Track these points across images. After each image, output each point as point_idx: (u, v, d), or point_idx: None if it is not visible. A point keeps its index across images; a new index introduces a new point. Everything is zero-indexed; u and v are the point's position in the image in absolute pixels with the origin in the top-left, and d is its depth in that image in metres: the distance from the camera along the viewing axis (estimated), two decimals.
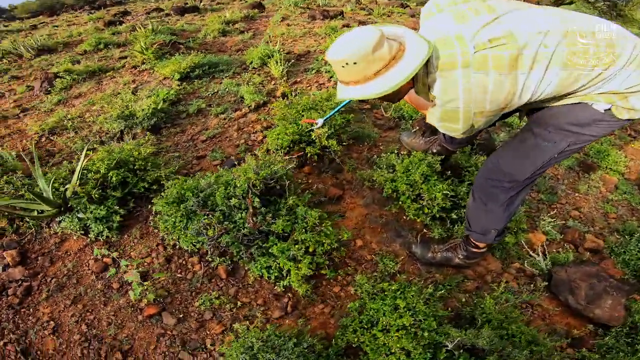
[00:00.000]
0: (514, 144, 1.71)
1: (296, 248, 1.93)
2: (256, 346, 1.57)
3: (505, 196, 1.74)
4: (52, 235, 2.32)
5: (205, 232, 1.97)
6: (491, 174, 1.75)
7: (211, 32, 5.42)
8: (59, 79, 4.16)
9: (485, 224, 1.88)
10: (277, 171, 2.15)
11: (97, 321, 1.94)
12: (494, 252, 2.28)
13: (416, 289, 1.85)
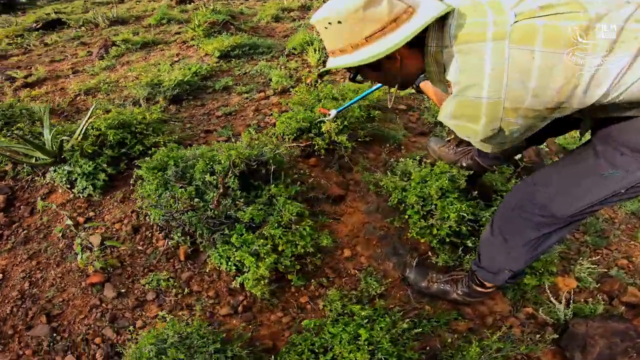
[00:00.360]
0: (564, 166, 1.22)
1: (260, 243, 1.64)
2: (170, 340, 1.33)
3: (534, 233, 1.28)
4: (43, 186, 2.32)
5: (171, 206, 1.78)
6: (522, 201, 1.28)
7: (265, 17, 5.37)
8: (114, 46, 4.39)
9: (499, 262, 1.45)
10: (264, 153, 1.89)
11: (42, 281, 1.86)
12: (505, 291, 1.81)
13: (389, 321, 1.46)
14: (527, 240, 1.30)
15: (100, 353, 1.59)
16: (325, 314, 1.69)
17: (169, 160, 1.98)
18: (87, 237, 1.94)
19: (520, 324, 1.70)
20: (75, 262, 1.89)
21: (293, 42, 4.15)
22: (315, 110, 2.47)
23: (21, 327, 1.70)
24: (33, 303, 1.77)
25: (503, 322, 1.69)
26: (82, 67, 4.08)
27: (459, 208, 1.84)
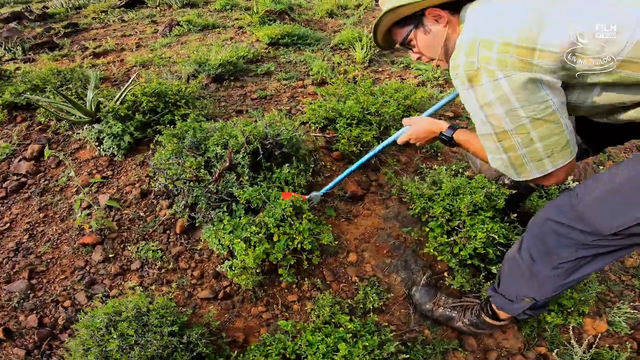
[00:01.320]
0: (614, 172, 0.94)
1: (253, 230, 1.50)
2: (125, 314, 1.23)
3: (569, 255, 1.03)
4: (75, 141, 2.40)
5: (176, 172, 1.71)
6: (559, 211, 1.04)
7: (320, 11, 5.28)
8: (178, 26, 4.57)
9: (520, 288, 1.21)
10: (281, 134, 1.74)
11: (41, 235, 1.86)
12: (522, 325, 1.54)
13: (376, 340, 1.25)
14: (559, 263, 1.05)
15: (64, 317, 1.55)
16: (311, 318, 1.50)
17: (189, 130, 1.92)
18: (95, 195, 1.94)
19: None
20: (79, 220, 1.89)
21: (341, 37, 3.99)
22: (345, 103, 2.28)
23: (2, 280, 1.70)
24: (24, 257, 1.77)
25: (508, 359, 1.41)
26: (146, 42, 4.30)
27: (490, 228, 1.55)
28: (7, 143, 2.44)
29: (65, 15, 6.35)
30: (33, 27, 5.57)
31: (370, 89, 2.52)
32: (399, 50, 4.00)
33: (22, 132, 2.56)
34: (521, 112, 0.89)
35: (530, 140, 0.92)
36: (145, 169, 2.14)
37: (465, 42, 0.93)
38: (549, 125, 0.90)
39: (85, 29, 5.29)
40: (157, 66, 3.47)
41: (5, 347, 1.49)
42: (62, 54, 4.07)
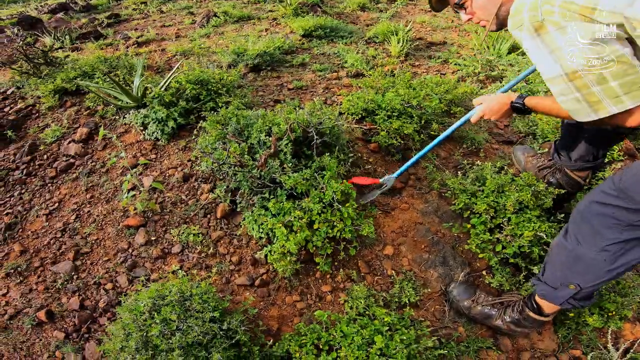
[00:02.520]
0: None
1: (296, 215, 1.49)
2: (169, 298, 1.24)
3: (614, 234, 1.03)
4: (121, 125, 2.46)
5: (220, 157, 1.72)
6: (602, 194, 1.05)
7: (352, 4, 5.17)
8: (215, 17, 4.61)
9: (564, 273, 1.17)
10: (323, 122, 1.72)
11: (87, 216, 1.90)
12: (558, 327, 1.48)
13: (413, 334, 1.22)
14: (605, 245, 1.04)
15: (105, 300, 1.56)
16: (344, 310, 1.49)
17: (232, 116, 1.93)
18: (140, 178, 1.99)
19: None
20: (124, 202, 1.93)
21: (375, 30, 3.89)
22: (384, 95, 2.22)
23: (49, 260, 1.72)
24: (70, 237, 1.81)
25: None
26: (185, 33, 4.36)
27: (538, 228, 1.47)
28: (58, 126, 2.54)
29: (107, 6, 6.55)
30: (78, 18, 5.77)
31: (409, 82, 2.45)
32: (435, 44, 3.87)
33: (71, 116, 2.66)
34: (590, 53, 0.91)
35: (604, 78, 0.92)
36: (187, 154, 2.17)
37: (528, 2, 0.99)
38: (620, 66, 0.91)
39: (127, 19, 5.44)
40: (197, 55, 3.52)
41: (45, 329, 1.52)
42: (107, 43, 4.20)
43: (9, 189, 2.13)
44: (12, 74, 3.26)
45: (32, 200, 2.05)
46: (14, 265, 1.72)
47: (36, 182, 2.15)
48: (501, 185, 1.69)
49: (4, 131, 2.48)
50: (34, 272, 1.70)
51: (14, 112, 2.76)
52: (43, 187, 2.12)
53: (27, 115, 2.72)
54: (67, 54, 3.82)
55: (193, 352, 1.18)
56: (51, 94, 2.80)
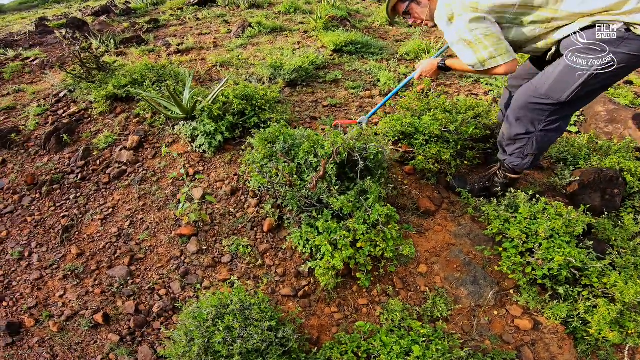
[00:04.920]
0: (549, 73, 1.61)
1: (343, 234, 1.58)
2: (231, 307, 1.33)
3: (545, 117, 1.67)
4: (170, 135, 2.57)
5: (272, 176, 1.81)
6: (530, 97, 1.67)
7: (380, 18, 5.23)
8: (250, 28, 4.73)
9: (527, 150, 1.80)
10: (369, 149, 1.80)
11: (140, 222, 1.99)
12: (577, 343, 1.57)
13: (447, 345, 1.29)
14: (543, 127, 1.69)
15: (159, 305, 1.62)
16: (380, 321, 1.57)
17: (280, 135, 2.02)
18: (191, 189, 2.09)
19: None
20: (174, 211, 2.03)
21: (407, 47, 3.95)
22: (419, 117, 2.29)
23: (105, 264, 1.80)
24: (125, 243, 1.89)
25: None
26: (222, 42, 4.49)
27: (570, 253, 1.54)
28: (110, 132, 2.68)
29: (145, 10, 6.75)
30: (120, 22, 5.98)
31: (444, 105, 2.50)
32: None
33: (121, 123, 2.79)
34: (477, 31, 1.55)
35: (485, 46, 1.57)
36: (233, 167, 2.27)
37: (443, 2, 1.62)
38: (492, 38, 1.55)
39: (165, 25, 5.61)
40: (236, 67, 3.63)
41: (101, 332, 1.60)
42: (149, 49, 4.35)
43: (64, 192, 2.27)
44: (65, 77, 3.42)
45: (87, 204, 2.18)
46: (71, 268, 1.83)
47: (90, 186, 2.28)
48: (534, 214, 1.75)
49: (60, 134, 2.63)
50: (90, 275, 1.81)
51: (68, 116, 2.92)
52: (97, 192, 2.25)
53: (79, 120, 2.87)
54: (114, 59, 3.99)
55: (251, 359, 1.28)
56: (103, 100, 2.94)
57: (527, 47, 1.69)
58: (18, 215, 2.15)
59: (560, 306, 1.55)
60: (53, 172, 2.37)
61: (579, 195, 2.11)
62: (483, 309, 1.66)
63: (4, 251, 1.96)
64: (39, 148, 2.58)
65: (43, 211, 2.15)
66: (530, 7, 1.50)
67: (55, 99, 3.14)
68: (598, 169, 2.15)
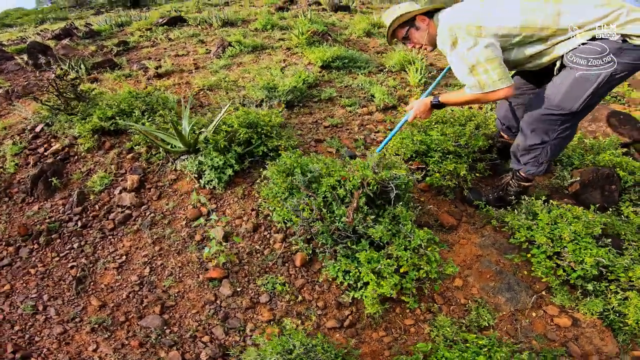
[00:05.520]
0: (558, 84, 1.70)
1: (386, 263, 1.57)
2: (296, 351, 1.29)
3: (558, 127, 1.78)
4: (171, 172, 2.43)
5: (302, 211, 1.77)
6: (543, 108, 1.77)
7: (357, 30, 5.34)
8: (230, 47, 4.64)
9: (542, 158, 1.90)
10: (399, 177, 1.81)
11: (161, 268, 1.87)
12: (617, 334, 1.66)
13: (507, 351, 1.34)
14: (556, 135, 1.80)
15: (207, 353, 1.52)
16: (432, 338, 1.57)
17: (297, 166, 1.98)
18: (209, 230, 1.99)
19: None
20: (196, 253, 1.91)
21: (391, 60, 4.06)
22: (429, 133, 2.34)
23: (134, 315, 1.68)
24: (150, 291, 1.77)
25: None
26: (203, 63, 4.36)
27: (598, 254, 1.65)
28: (104, 173, 2.48)
29: (110, 32, 6.43)
30: (85, 45, 5.64)
31: (443, 117, 2.59)
32: (451, 75, 4.06)
33: (114, 160, 2.60)
34: (480, 56, 1.63)
35: (485, 70, 1.65)
36: (247, 202, 2.19)
37: (446, 28, 1.70)
38: (494, 62, 1.63)
39: (136, 47, 5.36)
40: (224, 90, 3.53)
41: None
42: (125, 74, 4.13)
43: (66, 241, 2.08)
44: (39, 108, 3.13)
45: (95, 253, 2.01)
46: (97, 320, 1.68)
47: (94, 234, 2.10)
48: (554, 219, 1.85)
49: (48, 178, 2.41)
50: (120, 326, 1.66)
51: (51, 155, 2.68)
52: (103, 239, 2.08)
53: (65, 159, 2.65)
54: (89, 86, 3.72)
55: None
56: (89, 134, 2.73)
57: (530, 64, 1.79)
58: (18, 268, 1.93)
59: (595, 302, 1.65)
60: (48, 220, 2.16)
61: (581, 194, 2.26)
62: (522, 313, 1.71)
63: (12, 305, 1.76)
64: (24, 194, 2.34)
65: (46, 262, 1.95)
66: (533, 29, 1.60)
67: (31, 135, 2.87)
68: (595, 168, 2.31)
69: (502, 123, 2.30)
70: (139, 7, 9.70)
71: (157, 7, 9.73)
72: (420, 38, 1.90)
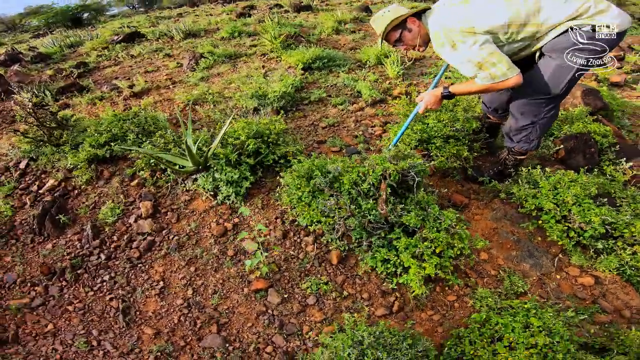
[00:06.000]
0: (540, 72, 1.91)
1: (424, 246, 1.72)
2: (366, 341, 1.39)
3: (544, 109, 2.01)
4: (184, 193, 2.42)
5: (336, 211, 1.87)
6: (530, 95, 2.00)
7: (326, 29, 5.47)
8: (203, 59, 4.57)
9: (533, 136, 2.14)
10: (416, 165, 1.96)
11: (203, 288, 1.89)
12: (636, 287, 1.87)
13: (553, 311, 1.53)
14: (543, 115, 2.03)
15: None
16: (476, 309, 1.75)
17: (315, 170, 2.06)
18: (239, 242, 2.03)
19: None
20: (234, 268, 1.95)
21: (367, 55, 4.23)
22: (425, 121, 2.53)
23: (192, 337, 1.70)
24: (200, 311, 1.79)
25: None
26: (178, 77, 4.27)
27: (601, 212, 1.89)
28: (113, 203, 2.42)
29: (62, 54, 6.05)
30: (38, 70, 5.28)
31: None
32: (418, 60, 4.32)
33: (118, 189, 2.54)
34: (482, 52, 1.77)
35: (493, 63, 1.78)
36: (270, 212, 2.25)
37: (441, 31, 1.82)
38: (497, 55, 1.77)
39: (97, 67, 5.12)
40: (211, 103, 3.51)
41: None
42: (97, 97, 3.94)
43: (94, 275, 2.02)
44: (16, 141, 2.92)
45: (129, 282, 1.98)
46: (158, 349, 1.67)
47: (122, 264, 2.06)
48: (553, 185, 2.09)
49: (55, 216, 2.30)
50: (182, 351, 1.67)
51: (47, 192, 2.56)
52: (133, 268, 2.04)
53: (64, 194, 2.54)
54: (67, 112, 3.51)
55: None
56: (85, 165, 2.63)
57: (516, 57, 1.96)
58: (54, 306, 1.86)
59: (609, 258, 1.88)
60: (68, 257, 2.08)
61: (567, 159, 2.55)
62: (548, 277, 1.92)
63: (63, 343, 1.70)
64: (32, 235, 2.23)
65: (81, 297, 1.89)
66: (518, 25, 1.77)
67: (18, 173, 2.70)
68: (574, 134, 2.62)
69: (488, 106, 2.53)
70: (81, 26, 9.14)
71: (103, 24, 9.23)
72: (413, 39, 1.99)
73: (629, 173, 2.44)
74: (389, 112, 3.19)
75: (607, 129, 2.66)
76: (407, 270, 1.82)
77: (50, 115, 2.94)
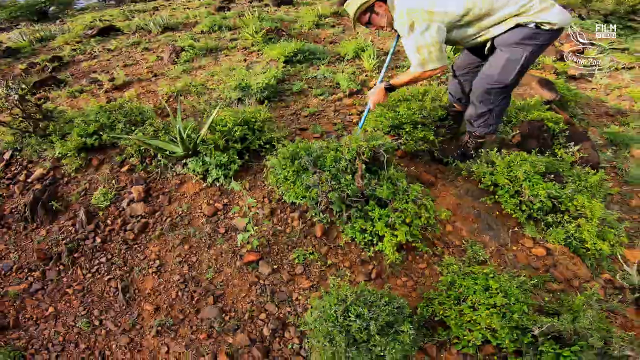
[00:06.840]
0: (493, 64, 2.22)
1: (395, 215, 2.00)
2: (350, 299, 1.64)
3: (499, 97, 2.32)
4: (174, 177, 2.61)
5: (319, 185, 2.12)
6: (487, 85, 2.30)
7: (307, 23, 5.69)
8: (183, 52, 4.70)
9: (491, 121, 2.47)
10: (385, 144, 2.24)
11: (198, 264, 2.07)
12: (584, 259, 2.18)
13: (508, 276, 1.83)
14: (498, 103, 2.35)
15: (268, 327, 1.77)
16: (445, 275, 2.04)
17: (300, 151, 2.31)
18: (230, 221, 2.24)
19: (602, 287, 2.06)
20: (227, 244, 2.16)
21: (346, 49, 4.50)
22: (397, 110, 2.83)
23: (190, 310, 1.86)
24: (196, 285, 1.96)
25: (587, 284, 2.04)
26: (159, 70, 4.39)
27: (547, 187, 2.23)
28: (105, 188, 2.57)
29: (32, 48, 5.98)
30: (8, 64, 5.22)
31: (404, 96, 3.10)
32: (398, 57, 4.63)
33: (109, 176, 2.68)
34: (427, 38, 2.07)
35: (430, 51, 2.10)
36: (257, 192, 2.47)
37: (405, 11, 2.08)
38: (437, 45, 2.09)
39: (73, 61, 5.14)
40: (195, 94, 3.68)
41: None
42: (77, 90, 4.02)
43: (91, 258, 2.18)
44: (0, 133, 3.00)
45: (126, 263, 2.15)
46: (159, 323, 1.86)
47: (118, 246, 2.23)
48: (507, 163, 2.43)
49: (47, 203, 2.43)
50: (181, 324, 1.84)
51: (36, 180, 2.67)
52: (129, 249, 2.22)
53: (54, 182, 2.66)
54: (50, 105, 3.57)
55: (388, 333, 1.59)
56: (75, 153, 2.75)
57: (468, 43, 2.31)
58: (53, 290, 2.01)
59: (557, 230, 2.20)
60: (63, 242, 2.23)
61: (523, 143, 2.92)
62: (505, 247, 2.24)
63: (65, 325, 1.85)
64: (24, 222, 2.35)
65: (79, 280, 2.05)
66: (472, 16, 2.08)
67: (2, 163, 2.79)
68: (529, 122, 2.99)
69: (453, 96, 2.85)
70: (47, 20, 8.92)
71: (72, 18, 9.04)
72: (380, 21, 2.26)
73: (577, 155, 2.84)
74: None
75: (559, 117, 3.05)
76: (382, 239, 2.09)
77: (36, 107, 3.02)
